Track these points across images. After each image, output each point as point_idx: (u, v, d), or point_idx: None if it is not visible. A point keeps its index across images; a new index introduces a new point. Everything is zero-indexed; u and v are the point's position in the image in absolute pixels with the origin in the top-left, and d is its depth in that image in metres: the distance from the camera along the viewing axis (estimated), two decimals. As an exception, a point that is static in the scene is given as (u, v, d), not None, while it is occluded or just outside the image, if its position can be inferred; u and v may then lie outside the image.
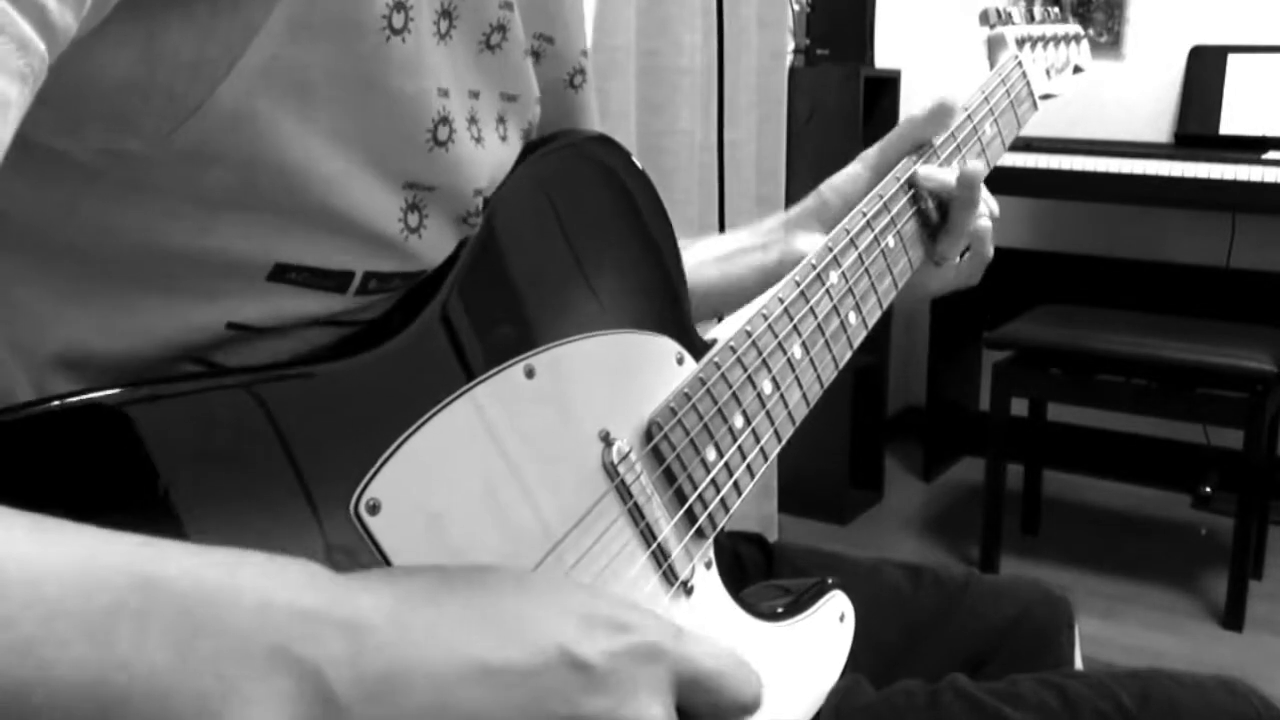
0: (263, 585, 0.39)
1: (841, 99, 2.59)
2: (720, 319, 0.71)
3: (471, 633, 0.42)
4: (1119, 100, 2.88)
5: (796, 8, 2.64)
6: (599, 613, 0.45)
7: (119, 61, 0.43)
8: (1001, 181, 2.74)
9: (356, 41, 0.48)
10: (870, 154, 0.87)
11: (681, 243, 0.70)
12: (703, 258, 0.86)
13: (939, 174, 0.83)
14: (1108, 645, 2.17)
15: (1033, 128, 1.01)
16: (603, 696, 0.43)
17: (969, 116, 0.89)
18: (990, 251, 0.87)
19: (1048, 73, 1.03)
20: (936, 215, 0.85)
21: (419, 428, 0.51)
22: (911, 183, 0.83)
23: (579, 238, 0.62)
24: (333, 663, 0.39)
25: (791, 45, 2.61)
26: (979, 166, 0.83)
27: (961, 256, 0.88)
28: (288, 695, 0.37)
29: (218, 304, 0.50)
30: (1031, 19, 1.03)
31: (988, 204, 0.86)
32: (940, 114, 0.85)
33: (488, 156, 0.58)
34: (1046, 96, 1.02)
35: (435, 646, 0.41)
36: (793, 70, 2.57)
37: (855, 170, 0.87)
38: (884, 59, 2.99)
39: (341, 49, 0.48)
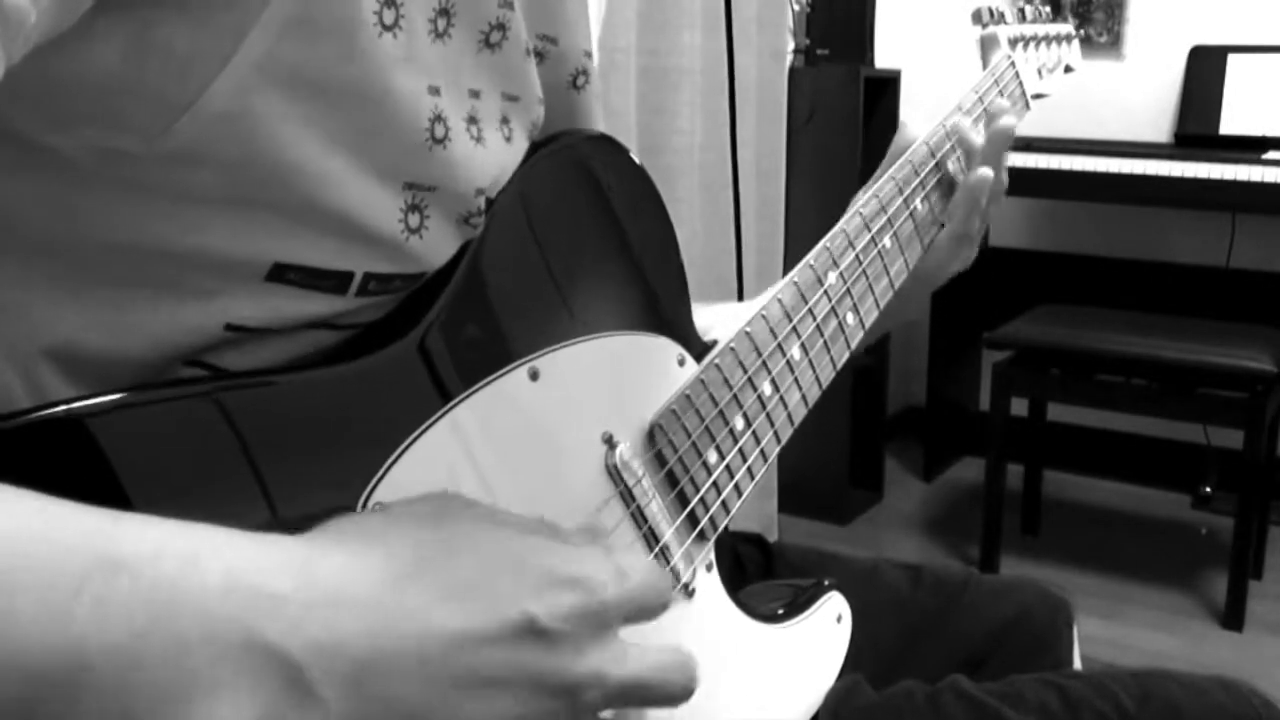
0: (229, 565, 0.38)
1: (841, 99, 2.59)
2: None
3: (443, 608, 0.42)
4: (1119, 100, 2.88)
5: (796, 8, 2.64)
6: (558, 573, 0.45)
7: (109, 58, 0.43)
8: (1001, 181, 2.69)
9: (349, 38, 0.48)
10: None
11: (698, 306, 0.71)
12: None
13: (969, 133, 0.86)
14: (1108, 645, 2.17)
15: (1033, 128, 1.01)
16: (557, 655, 0.43)
17: (965, 115, 0.89)
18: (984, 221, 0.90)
19: (1039, 72, 1.04)
20: (963, 174, 0.88)
21: (423, 432, 0.51)
22: (950, 133, 0.87)
23: (580, 239, 0.62)
24: (309, 650, 0.38)
25: (791, 45, 2.61)
26: (1012, 121, 0.87)
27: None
28: (256, 681, 0.37)
29: (215, 304, 0.49)
30: (1023, 18, 1.03)
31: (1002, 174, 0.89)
32: (903, 135, 0.88)
33: (490, 157, 0.57)
34: (1038, 96, 1.03)
35: (407, 623, 0.40)
36: (793, 70, 2.57)
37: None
38: (884, 59, 2.99)
39: (335, 46, 0.47)
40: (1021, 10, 1.04)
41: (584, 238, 0.62)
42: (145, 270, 0.48)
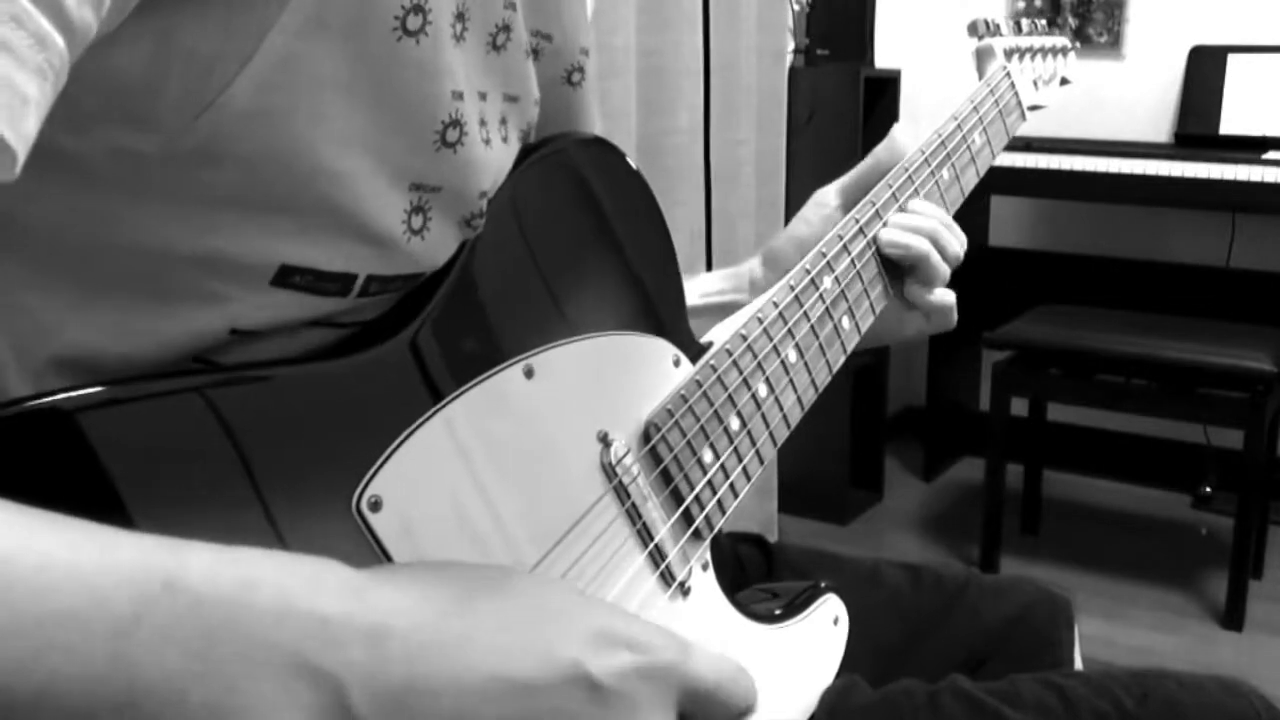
0: (282, 589, 0.39)
1: (841, 99, 2.59)
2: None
3: (493, 645, 0.42)
4: (1119, 100, 2.88)
5: (796, 8, 2.64)
6: (615, 631, 0.45)
7: (135, 59, 0.43)
8: (1001, 181, 2.75)
9: (368, 41, 0.48)
10: (829, 195, 0.85)
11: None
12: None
13: (900, 237, 0.80)
14: (1108, 645, 2.17)
15: (1033, 128, 1.01)
16: (612, 714, 0.43)
17: (958, 126, 0.90)
18: (952, 322, 0.84)
19: (1035, 84, 1.04)
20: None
21: (419, 426, 0.51)
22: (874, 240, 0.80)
23: (575, 240, 0.62)
24: (352, 672, 0.39)
25: (791, 45, 2.61)
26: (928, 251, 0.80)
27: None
28: (305, 705, 0.38)
29: (221, 309, 0.50)
30: (1019, 30, 1.03)
31: (958, 249, 0.83)
32: (894, 143, 0.84)
33: (493, 158, 0.58)
34: (1034, 108, 1.03)
35: (457, 658, 0.41)
36: (793, 70, 2.57)
37: (812, 213, 0.85)
38: (884, 59, 2.99)
39: (353, 48, 0.48)
40: (1017, 22, 1.04)
41: (579, 239, 0.63)
42: (154, 274, 0.48)
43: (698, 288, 0.87)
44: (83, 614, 0.35)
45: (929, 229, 0.81)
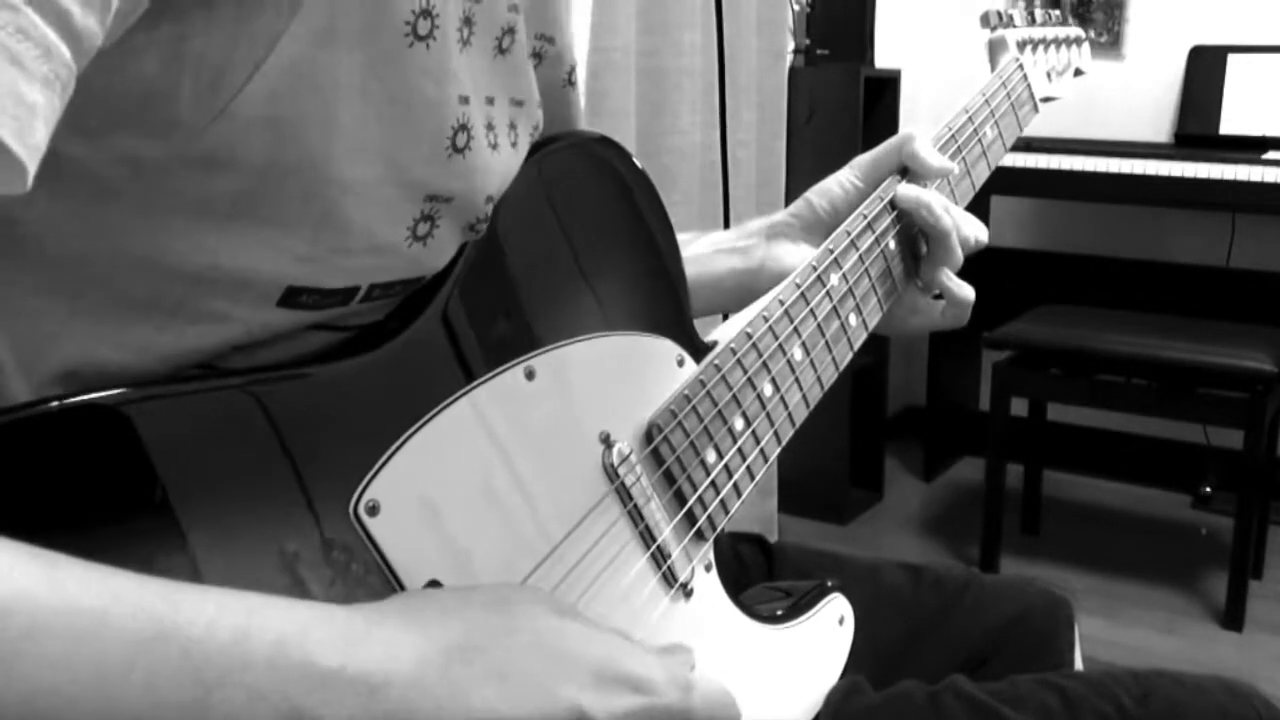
0: (276, 640, 0.39)
1: (841, 99, 2.59)
2: (725, 317, 0.71)
3: (489, 691, 0.43)
4: (1119, 100, 2.87)
5: (796, 8, 2.64)
6: (617, 671, 0.46)
7: (146, 66, 0.43)
8: (1001, 181, 2.75)
9: (380, 47, 0.48)
10: (864, 162, 0.84)
11: (687, 237, 0.70)
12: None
13: (920, 194, 0.80)
14: (1108, 645, 2.17)
15: (1033, 127, 1.01)
16: None
17: (970, 119, 0.89)
18: (966, 296, 0.83)
19: (1049, 75, 1.03)
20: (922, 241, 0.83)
21: (419, 429, 0.51)
22: (894, 203, 0.80)
23: (581, 239, 0.62)
24: (347, 718, 0.39)
25: (791, 45, 2.61)
26: (942, 200, 0.80)
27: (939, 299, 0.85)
28: None
29: (226, 328, 0.50)
30: (1032, 21, 1.03)
31: (976, 234, 0.82)
32: (911, 140, 0.83)
33: (500, 163, 0.58)
34: (1047, 99, 1.02)
35: (455, 705, 0.42)
36: (793, 70, 2.57)
37: (847, 178, 0.84)
38: (884, 59, 2.99)
39: (365, 55, 0.48)
40: (1031, 14, 1.04)
41: (584, 238, 0.62)
42: (159, 291, 0.48)
43: (710, 241, 0.85)
44: (75, 660, 0.35)
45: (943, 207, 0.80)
